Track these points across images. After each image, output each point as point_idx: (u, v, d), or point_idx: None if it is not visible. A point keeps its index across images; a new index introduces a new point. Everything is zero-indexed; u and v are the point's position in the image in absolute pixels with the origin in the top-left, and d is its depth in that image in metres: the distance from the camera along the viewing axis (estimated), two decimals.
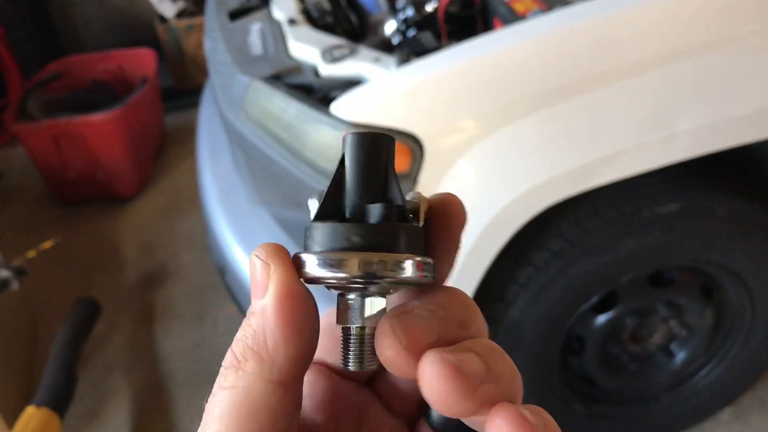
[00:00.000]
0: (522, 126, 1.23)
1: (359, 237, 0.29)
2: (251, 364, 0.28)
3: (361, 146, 0.31)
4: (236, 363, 0.28)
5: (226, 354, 0.29)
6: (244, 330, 0.29)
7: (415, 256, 0.30)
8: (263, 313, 0.28)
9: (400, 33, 1.58)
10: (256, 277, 0.29)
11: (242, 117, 1.48)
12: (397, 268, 0.29)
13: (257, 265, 0.29)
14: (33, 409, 1.73)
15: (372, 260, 0.28)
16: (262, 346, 0.28)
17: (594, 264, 1.39)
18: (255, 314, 0.28)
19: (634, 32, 1.24)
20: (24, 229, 2.96)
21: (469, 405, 0.27)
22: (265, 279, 0.28)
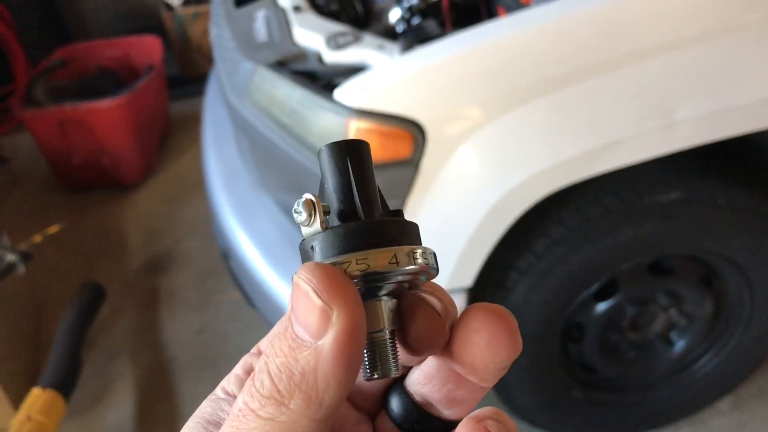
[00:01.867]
0: (524, 113, 1.24)
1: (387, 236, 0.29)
2: (297, 402, 0.26)
3: (335, 155, 0.31)
4: (278, 396, 0.26)
5: (260, 375, 0.27)
6: (286, 360, 0.26)
7: (415, 247, 0.30)
8: (317, 353, 0.26)
9: (405, 21, 1.59)
10: (310, 314, 0.26)
11: (247, 103, 1.49)
12: (432, 259, 0.30)
13: (316, 304, 0.26)
14: (39, 390, 1.76)
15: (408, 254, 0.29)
16: (311, 386, 0.26)
17: (594, 252, 1.40)
18: (305, 350, 0.26)
19: (635, 20, 1.24)
20: (30, 215, 2.98)
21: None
22: (325, 321, 0.26)
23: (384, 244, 0.29)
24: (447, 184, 1.27)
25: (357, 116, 1.23)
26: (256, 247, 1.59)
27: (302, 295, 0.26)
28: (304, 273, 0.27)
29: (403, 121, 1.22)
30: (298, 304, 0.26)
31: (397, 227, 0.30)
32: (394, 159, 1.24)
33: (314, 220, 0.30)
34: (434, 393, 0.33)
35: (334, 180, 0.30)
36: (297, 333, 0.26)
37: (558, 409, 1.68)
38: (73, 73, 3.22)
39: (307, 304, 0.26)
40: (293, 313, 0.27)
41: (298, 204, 0.30)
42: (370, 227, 0.29)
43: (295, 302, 0.27)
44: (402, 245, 0.29)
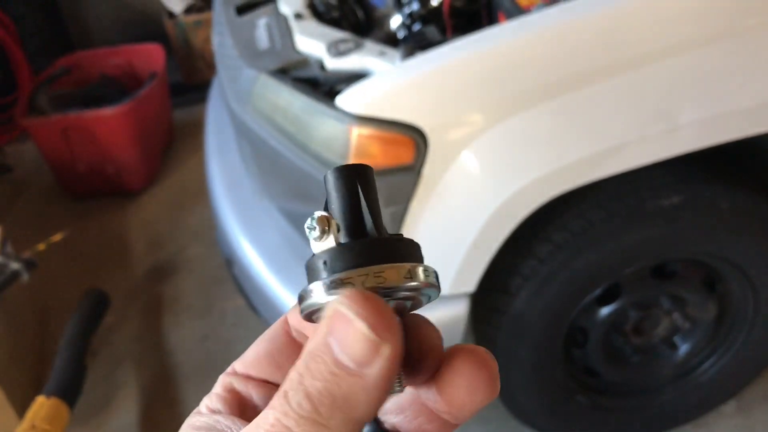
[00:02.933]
0: (525, 118, 1.24)
1: (331, 262, 0.30)
2: (337, 423, 0.26)
3: (344, 178, 0.32)
4: (318, 418, 0.26)
5: (296, 396, 0.27)
6: (329, 384, 0.27)
7: (418, 265, 0.31)
8: (363, 381, 0.27)
9: (406, 27, 1.59)
10: (358, 344, 0.27)
11: (249, 110, 1.50)
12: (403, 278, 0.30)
13: (367, 337, 0.27)
14: (43, 399, 1.76)
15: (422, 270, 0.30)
16: (353, 408, 0.27)
17: (597, 256, 1.40)
18: (349, 377, 0.27)
19: (637, 25, 1.25)
20: (34, 223, 2.99)
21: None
22: (374, 352, 0.27)
23: (397, 260, 0.30)
24: (449, 189, 1.27)
25: (359, 123, 1.23)
26: (259, 254, 1.59)
27: (350, 326, 0.27)
28: (352, 304, 0.27)
29: (405, 127, 1.22)
30: (346, 334, 0.27)
31: (406, 245, 0.31)
32: (396, 165, 1.25)
33: (328, 236, 0.30)
34: (405, 424, 0.34)
35: (343, 201, 0.31)
36: (341, 360, 0.27)
37: (562, 414, 1.68)
38: (76, 81, 3.23)
39: (356, 335, 0.27)
40: (338, 341, 0.27)
41: (312, 220, 0.30)
42: (382, 243, 0.30)
43: (341, 331, 0.27)
44: (413, 262, 0.31)
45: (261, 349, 0.37)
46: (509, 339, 1.50)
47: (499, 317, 1.47)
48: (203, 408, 0.35)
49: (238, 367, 0.37)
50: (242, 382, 0.36)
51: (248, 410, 0.35)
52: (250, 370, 0.36)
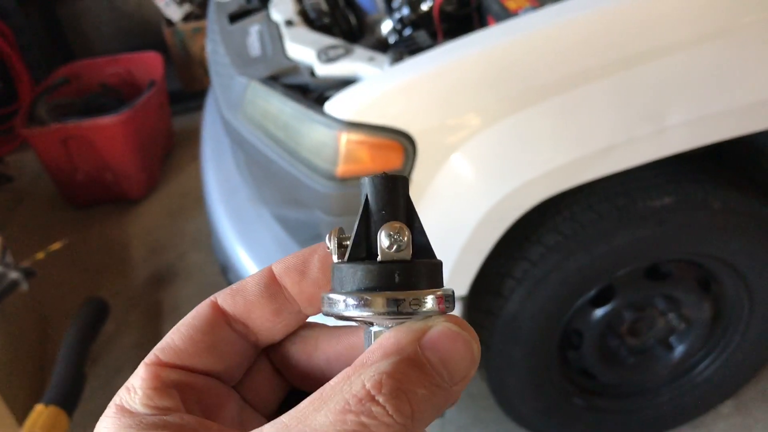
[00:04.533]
0: (514, 122, 1.25)
1: (389, 277, 0.30)
2: (418, 430, 0.28)
3: (379, 188, 0.32)
4: (409, 424, 0.27)
5: (394, 401, 0.27)
6: (428, 395, 0.28)
7: (437, 291, 0.31)
8: (450, 396, 0.29)
9: (396, 32, 1.60)
10: (465, 365, 0.29)
11: (241, 117, 1.51)
12: (423, 304, 0.30)
13: (475, 359, 0.29)
14: (42, 407, 1.77)
15: (399, 298, 0.30)
16: (432, 418, 0.29)
17: (589, 258, 1.40)
18: (443, 391, 0.29)
19: (624, 27, 1.25)
20: (35, 232, 3.00)
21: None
22: (471, 373, 0.29)
23: (421, 287, 0.31)
24: (439, 193, 1.28)
25: (347, 128, 1.24)
26: (254, 260, 1.60)
27: (465, 346, 0.29)
28: (466, 328, 0.30)
29: (393, 132, 1.22)
30: (461, 355, 0.29)
31: (428, 269, 0.32)
32: (385, 170, 1.25)
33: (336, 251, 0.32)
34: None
35: (383, 212, 0.32)
36: (442, 374, 0.28)
37: (559, 416, 1.68)
38: (75, 90, 3.25)
39: (467, 357, 0.29)
40: (442, 357, 0.29)
41: (342, 232, 0.32)
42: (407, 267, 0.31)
43: (457, 352, 0.29)
44: (431, 288, 0.31)
45: (193, 337, 0.33)
46: (504, 342, 1.50)
47: (492, 320, 1.47)
48: (138, 406, 0.31)
49: (166, 356, 0.33)
50: (179, 373, 0.33)
51: (210, 408, 0.33)
52: (184, 360, 0.33)
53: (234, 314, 0.34)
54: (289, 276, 0.34)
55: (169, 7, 3.61)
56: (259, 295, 0.34)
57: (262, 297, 0.34)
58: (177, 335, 0.33)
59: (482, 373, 1.62)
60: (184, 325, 0.34)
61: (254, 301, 0.34)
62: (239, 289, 0.34)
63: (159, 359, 0.33)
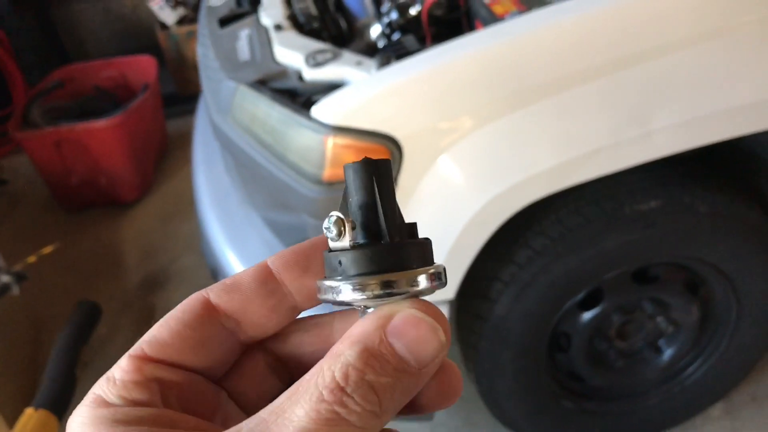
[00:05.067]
0: (500, 125, 1.25)
1: (378, 260, 0.31)
2: (388, 415, 0.29)
3: (360, 173, 0.32)
4: (378, 411, 0.28)
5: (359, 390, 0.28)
6: (393, 381, 0.28)
7: (428, 269, 0.32)
8: (421, 379, 0.30)
9: (385, 37, 1.61)
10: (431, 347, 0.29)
11: (230, 121, 1.51)
12: (414, 284, 0.31)
13: (441, 342, 0.30)
14: (31, 410, 1.77)
15: (392, 279, 0.31)
16: (403, 402, 0.29)
17: (576, 261, 1.41)
18: (411, 376, 0.29)
19: (611, 31, 1.25)
20: (28, 235, 3.00)
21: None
22: (439, 354, 0.30)
23: (407, 267, 0.31)
24: (425, 197, 1.28)
25: (334, 133, 1.24)
26: (243, 263, 1.60)
27: (429, 331, 0.29)
28: (430, 311, 0.30)
29: (379, 136, 1.23)
30: (425, 340, 0.29)
31: (416, 249, 0.32)
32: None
33: (344, 237, 0.32)
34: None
35: (359, 197, 0.32)
36: (407, 359, 0.29)
37: (548, 419, 1.68)
38: (69, 94, 3.25)
39: (432, 341, 0.29)
40: (406, 343, 0.29)
41: (329, 221, 0.32)
42: (394, 249, 0.31)
43: (412, 335, 0.29)
44: (422, 267, 0.32)
45: (181, 333, 0.33)
46: (492, 345, 1.50)
47: (481, 324, 1.47)
48: (114, 398, 0.31)
49: (152, 350, 0.32)
50: (162, 369, 0.32)
51: (192, 404, 0.33)
52: (170, 355, 0.32)
53: (227, 311, 0.34)
54: (290, 272, 0.34)
55: (163, 11, 3.61)
56: (256, 292, 0.34)
57: (260, 294, 0.34)
58: (165, 329, 0.33)
59: (471, 377, 1.62)
60: (172, 318, 0.33)
61: (251, 298, 0.34)
62: (234, 285, 0.34)
63: (144, 353, 0.32)
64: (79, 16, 4.04)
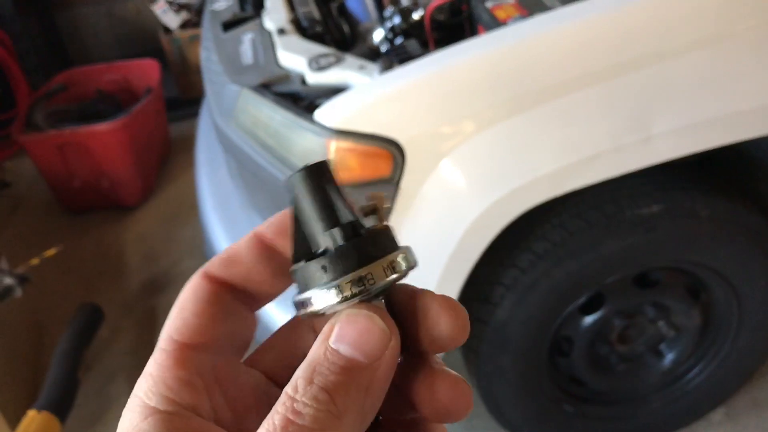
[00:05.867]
0: (501, 129, 1.26)
1: (332, 267, 0.31)
2: (353, 415, 0.28)
3: (299, 185, 0.32)
4: (334, 410, 0.28)
5: (310, 390, 0.28)
6: (344, 378, 0.29)
7: (387, 258, 0.32)
8: (374, 372, 0.29)
9: (388, 41, 1.61)
10: (373, 339, 0.29)
11: (233, 125, 1.52)
12: (384, 274, 0.31)
13: (383, 332, 0.30)
14: (34, 412, 1.77)
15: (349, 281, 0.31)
16: (368, 396, 0.29)
17: (578, 265, 1.41)
18: (362, 370, 0.29)
19: (612, 36, 1.26)
20: (31, 238, 3.01)
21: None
22: (385, 345, 0.30)
23: (376, 258, 0.31)
24: (427, 201, 1.28)
25: (336, 136, 1.25)
26: None
27: (368, 322, 0.30)
28: (368, 307, 0.31)
29: (381, 140, 1.23)
30: (365, 332, 0.30)
31: (381, 239, 0.32)
32: (374, 178, 1.26)
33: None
34: None
35: (315, 205, 0.32)
36: (354, 356, 0.29)
37: (549, 423, 1.68)
38: (72, 97, 3.26)
39: (373, 328, 0.30)
40: (350, 342, 0.29)
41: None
42: (359, 246, 0.31)
43: (360, 332, 0.30)
44: (389, 254, 0.32)
45: (205, 311, 0.33)
46: (493, 349, 1.51)
47: (482, 327, 1.48)
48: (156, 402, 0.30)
49: (182, 336, 0.32)
50: (200, 354, 0.32)
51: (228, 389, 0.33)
52: (204, 336, 0.32)
53: (232, 283, 0.34)
54: (283, 236, 0.34)
55: (166, 15, 3.62)
56: (255, 260, 0.34)
57: (260, 261, 0.34)
58: (185, 313, 0.33)
59: (472, 380, 1.62)
60: (186, 301, 0.33)
61: (251, 267, 0.34)
62: (232, 258, 0.34)
63: (177, 341, 0.32)
64: (82, 20, 4.05)
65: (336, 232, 0.31)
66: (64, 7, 3.99)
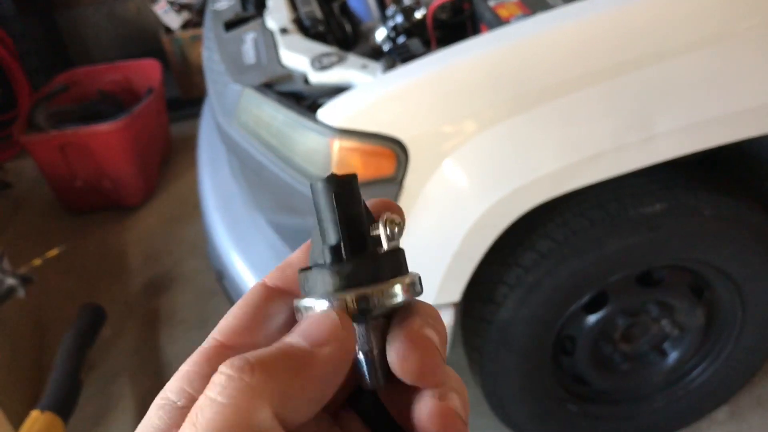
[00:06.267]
0: (505, 128, 1.25)
1: (344, 276, 0.31)
2: (271, 390, 0.28)
3: (321, 194, 0.32)
4: (251, 381, 0.28)
5: (239, 362, 0.28)
6: (273, 351, 0.29)
7: (404, 279, 0.32)
8: (313, 356, 0.29)
9: (390, 40, 1.61)
10: (319, 327, 0.30)
11: (235, 125, 1.51)
12: (388, 296, 0.31)
13: (333, 320, 0.30)
14: (37, 413, 1.77)
15: (366, 294, 0.31)
16: (297, 377, 0.29)
17: (581, 264, 1.41)
18: (300, 351, 0.29)
19: (614, 35, 1.26)
20: (33, 238, 3.01)
21: None
22: (330, 334, 0.30)
23: (382, 279, 0.32)
24: (431, 200, 1.28)
25: (339, 136, 1.25)
26: (249, 267, 1.61)
27: (322, 315, 0.30)
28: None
29: (385, 139, 1.23)
30: (314, 320, 0.30)
31: (389, 261, 0.32)
32: (377, 177, 1.26)
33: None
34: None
35: (326, 216, 0.32)
36: (295, 341, 0.29)
37: (553, 423, 1.68)
38: (74, 97, 3.26)
39: (322, 321, 0.30)
40: (303, 328, 0.30)
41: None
42: (366, 263, 0.32)
43: (309, 321, 0.30)
44: (397, 277, 0.32)
45: (246, 314, 0.34)
46: (497, 348, 1.50)
47: (486, 326, 1.48)
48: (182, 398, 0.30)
49: (224, 337, 0.33)
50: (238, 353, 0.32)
51: None
52: (242, 338, 0.33)
53: (283, 287, 0.35)
54: None
55: (167, 15, 3.62)
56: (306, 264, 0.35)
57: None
58: (231, 317, 0.34)
59: (476, 380, 1.62)
60: (236, 307, 0.34)
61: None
62: (286, 264, 0.36)
63: (216, 340, 0.33)
64: (83, 21, 4.06)
65: (345, 245, 0.32)
66: (65, 8, 3.99)
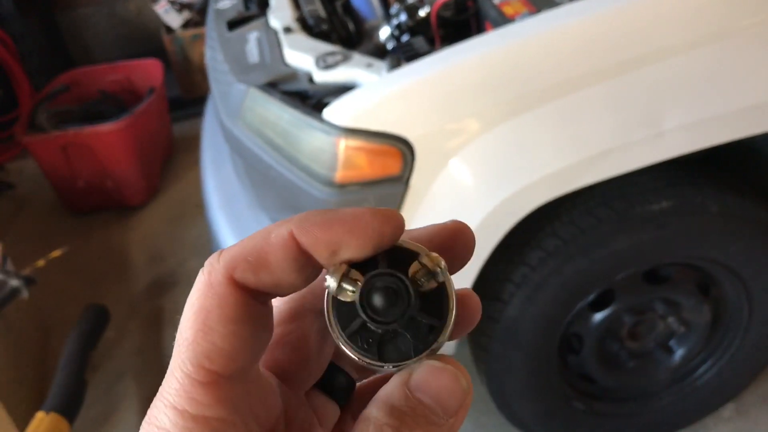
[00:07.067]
0: (511, 127, 1.25)
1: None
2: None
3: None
4: None
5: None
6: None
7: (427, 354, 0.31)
8: (449, 429, 0.30)
9: (394, 38, 1.61)
10: (455, 398, 0.30)
11: (240, 124, 1.51)
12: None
13: (464, 390, 0.30)
14: (42, 414, 1.77)
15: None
16: None
17: (588, 262, 1.40)
18: (440, 428, 0.30)
19: (621, 32, 1.26)
20: (36, 239, 3.00)
21: None
22: (465, 403, 0.30)
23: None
24: (437, 198, 1.28)
25: (346, 135, 1.24)
26: None
27: (452, 379, 0.30)
28: (451, 362, 0.30)
29: (391, 138, 1.23)
30: (449, 388, 0.30)
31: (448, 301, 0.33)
32: (383, 176, 1.26)
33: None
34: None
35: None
36: (435, 410, 0.29)
37: (559, 420, 1.68)
38: (75, 97, 3.25)
39: (456, 389, 0.30)
40: (433, 395, 0.29)
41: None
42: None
43: (445, 386, 0.30)
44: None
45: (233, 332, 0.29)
46: (504, 346, 1.50)
47: (492, 325, 1.47)
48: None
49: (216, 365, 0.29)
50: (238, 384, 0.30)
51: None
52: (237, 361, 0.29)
53: (259, 289, 0.30)
54: (322, 248, 0.30)
55: (168, 14, 3.61)
56: (290, 268, 0.30)
57: (294, 270, 0.30)
58: (216, 336, 0.29)
59: (482, 378, 1.62)
60: (216, 321, 0.29)
61: (284, 276, 0.30)
62: (260, 263, 0.29)
63: (211, 371, 0.29)
64: (84, 21, 4.05)
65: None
66: (65, 8, 3.98)
